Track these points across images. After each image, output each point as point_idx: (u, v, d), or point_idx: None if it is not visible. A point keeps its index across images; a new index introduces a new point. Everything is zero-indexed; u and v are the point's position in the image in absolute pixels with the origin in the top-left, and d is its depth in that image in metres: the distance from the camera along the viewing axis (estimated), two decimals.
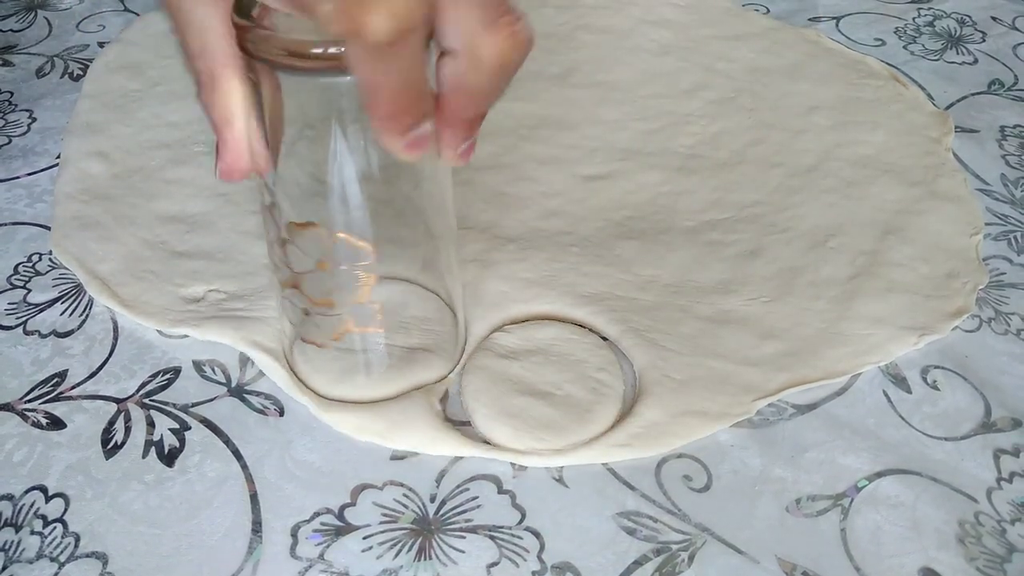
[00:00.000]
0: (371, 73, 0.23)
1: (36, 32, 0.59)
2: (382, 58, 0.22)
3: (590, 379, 0.36)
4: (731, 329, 0.39)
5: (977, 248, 0.44)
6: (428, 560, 0.31)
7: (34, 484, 0.33)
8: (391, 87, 0.23)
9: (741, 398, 0.36)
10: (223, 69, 0.26)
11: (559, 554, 0.31)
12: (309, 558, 0.31)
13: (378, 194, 0.30)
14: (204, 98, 0.26)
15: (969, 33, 0.62)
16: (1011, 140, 0.52)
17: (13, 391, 0.36)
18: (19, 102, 0.53)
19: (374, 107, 0.24)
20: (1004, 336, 0.40)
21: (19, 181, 0.47)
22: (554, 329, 0.38)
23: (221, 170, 0.28)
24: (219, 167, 0.28)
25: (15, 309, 0.40)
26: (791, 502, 0.33)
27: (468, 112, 0.26)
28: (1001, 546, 0.32)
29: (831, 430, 0.36)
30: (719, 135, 0.50)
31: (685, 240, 0.43)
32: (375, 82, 0.23)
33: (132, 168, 0.46)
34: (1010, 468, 0.35)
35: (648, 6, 0.61)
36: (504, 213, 0.44)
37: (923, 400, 0.37)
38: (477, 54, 0.23)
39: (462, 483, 0.33)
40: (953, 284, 0.41)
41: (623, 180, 0.47)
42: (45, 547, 0.31)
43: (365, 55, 0.22)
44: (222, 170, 0.28)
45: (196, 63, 0.26)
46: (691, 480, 0.34)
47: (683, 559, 0.31)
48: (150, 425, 0.35)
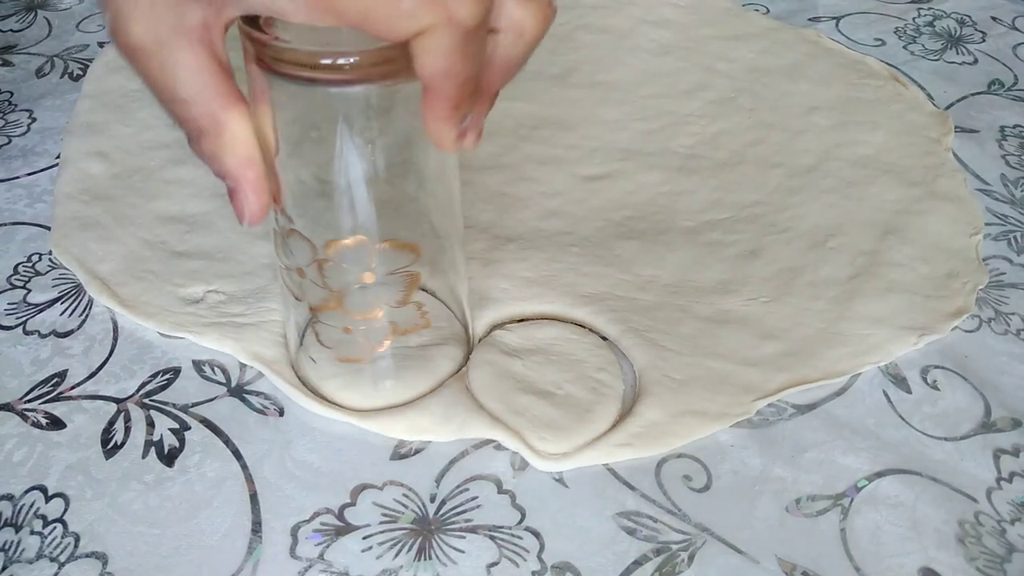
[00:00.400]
0: (453, 62, 0.22)
1: (36, 32, 0.59)
2: (469, 44, 0.21)
3: (590, 379, 0.36)
4: (731, 329, 0.39)
5: (977, 248, 0.44)
6: (428, 560, 0.31)
7: (34, 484, 0.33)
8: (466, 74, 0.23)
9: (741, 398, 0.36)
10: (228, 111, 0.24)
11: (559, 554, 0.31)
12: (309, 558, 0.31)
13: (384, 195, 0.29)
14: (207, 146, 0.24)
15: (969, 33, 0.62)
16: (1011, 140, 0.52)
17: (13, 391, 0.36)
18: (19, 102, 0.53)
19: (441, 99, 0.23)
20: (1004, 336, 0.40)
21: (19, 181, 0.47)
22: (554, 329, 0.38)
23: (252, 214, 0.25)
24: (247, 212, 0.25)
25: (15, 309, 0.40)
26: (791, 502, 0.33)
27: (498, 87, 0.26)
28: (1001, 546, 0.32)
29: (831, 430, 0.36)
30: (719, 135, 0.50)
31: (685, 240, 0.43)
32: (454, 72, 0.22)
33: (132, 168, 0.46)
34: (1010, 468, 0.35)
35: (648, 6, 0.61)
36: (504, 213, 0.44)
37: (923, 400, 0.37)
38: (521, 28, 0.23)
39: (462, 483, 0.33)
40: (953, 284, 0.41)
41: (623, 180, 0.47)
42: (45, 547, 0.31)
43: (452, 43, 0.21)
44: (253, 214, 0.25)
45: (189, 110, 0.23)
46: (691, 480, 0.34)
47: (683, 559, 0.31)
48: (150, 425, 0.35)
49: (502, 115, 0.50)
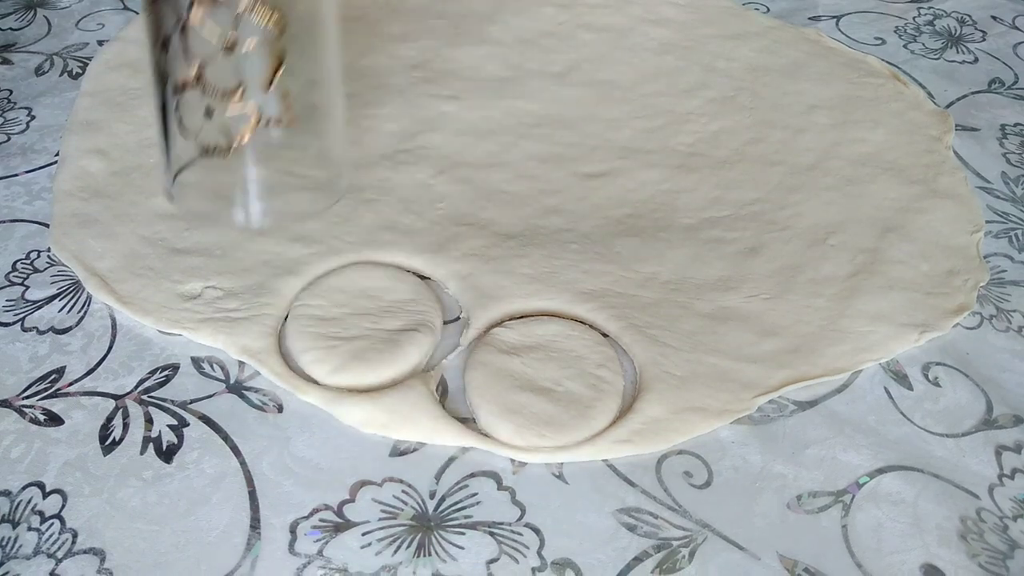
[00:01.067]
0: None
1: (35, 30, 0.59)
2: None
3: (590, 375, 0.36)
4: (731, 326, 0.39)
5: (978, 246, 0.43)
6: (427, 556, 0.31)
7: (32, 480, 0.33)
8: None
9: (741, 395, 0.36)
10: None
11: (559, 550, 0.31)
12: (308, 554, 0.30)
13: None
14: None
15: (969, 32, 0.62)
16: (1012, 138, 0.52)
17: (11, 387, 0.36)
18: (18, 100, 0.52)
19: None
20: (1005, 333, 0.40)
21: (17, 179, 0.47)
22: (555, 325, 0.38)
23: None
24: None
25: (13, 306, 0.39)
26: (792, 499, 0.33)
27: None
28: (1003, 542, 0.32)
29: (832, 427, 0.35)
30: (719, 133, 0.50)
31: (685, 238, 0.43)
32: None
33: (131, 165, 0.46)
34: (1012, 464, 0.34)
35: (648, 5, 0.61)
36: (504, 210, 0.44)
37: (924, 397, 0.37)
38: None
39: (461, 479, 0.33)
40: (954, 281, 0.41)
41: (623, 178, 0.47)
42: (42, 543, 0.31)
43: None
44: None
45: None
46: (691, 476, 0.33)
47: (683, 555, 0.31)
48: (148, 421, 0.35)
49: (502, 113, 0.50)
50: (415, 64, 0.54)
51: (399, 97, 0.51)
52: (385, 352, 0.36)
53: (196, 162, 0.35)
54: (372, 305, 0.38)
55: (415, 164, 0.46)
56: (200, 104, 0.32)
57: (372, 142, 0.48)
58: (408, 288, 0.39)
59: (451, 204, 0.44)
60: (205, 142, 0.34)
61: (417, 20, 0.58)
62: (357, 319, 0.38)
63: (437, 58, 0.55)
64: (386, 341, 0.37)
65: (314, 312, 0.38)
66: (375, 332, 0.37)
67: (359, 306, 0.38)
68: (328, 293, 0.39)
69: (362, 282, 0.39)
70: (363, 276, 0.39)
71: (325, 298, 0.38)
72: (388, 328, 0.37)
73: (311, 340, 0.37)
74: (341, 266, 0.40)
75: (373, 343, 0.36)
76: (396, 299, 0.39)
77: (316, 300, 0.38)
